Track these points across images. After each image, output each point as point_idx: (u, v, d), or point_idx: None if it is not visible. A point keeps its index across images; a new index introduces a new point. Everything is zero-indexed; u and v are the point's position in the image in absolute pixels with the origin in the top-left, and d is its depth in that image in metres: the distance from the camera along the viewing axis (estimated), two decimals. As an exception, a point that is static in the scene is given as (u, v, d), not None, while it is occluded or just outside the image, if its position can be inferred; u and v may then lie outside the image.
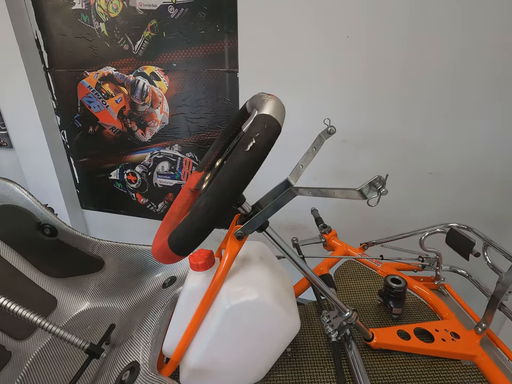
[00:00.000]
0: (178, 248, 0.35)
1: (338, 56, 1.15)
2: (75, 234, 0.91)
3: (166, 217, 0.52)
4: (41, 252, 0.90)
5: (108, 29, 1.38)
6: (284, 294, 0.64)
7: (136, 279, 0.94)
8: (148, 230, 1.83)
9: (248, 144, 0.32)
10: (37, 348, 0.81)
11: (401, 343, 0.69)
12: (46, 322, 0.61)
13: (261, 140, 0.32)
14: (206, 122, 1.45)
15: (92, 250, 0.93)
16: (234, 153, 0.32)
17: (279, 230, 1.54)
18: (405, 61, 1.09)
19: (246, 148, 0.32)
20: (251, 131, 0.32)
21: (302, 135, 1.03)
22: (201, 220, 0.34)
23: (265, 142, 0.32)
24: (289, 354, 0.71)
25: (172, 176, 1.64)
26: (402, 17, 1.04)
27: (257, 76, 1.27)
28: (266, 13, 1.15)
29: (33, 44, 1.50)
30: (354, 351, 0.65)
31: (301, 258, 0.74)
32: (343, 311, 0.62)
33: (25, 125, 1.63)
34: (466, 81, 1.07)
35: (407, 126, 1.19)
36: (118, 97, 1.52)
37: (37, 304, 0.87)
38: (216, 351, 0.59)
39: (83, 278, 0.96)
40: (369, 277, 0.97)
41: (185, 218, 0.34)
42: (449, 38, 1.03)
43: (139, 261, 0.93)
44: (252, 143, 0.32)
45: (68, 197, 1.84)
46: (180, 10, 1.26)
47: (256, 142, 0.32)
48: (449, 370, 0.67)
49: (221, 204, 0.33)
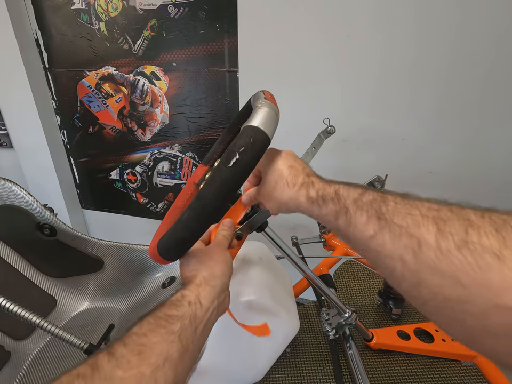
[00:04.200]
0: (166, 254, 0.35)
1: (338, 55, 1.14)
2: (74, 234, 0.91)
3: (169, 212, 0.52)
4: (41, 251, 0.90)
5: (107, 28, 1.38)
6: (283, 294, 0.64)
7: (136, 279, 0.94)
8: (148, 230, 1.83)
9: (231, 160, 0.30)
10: (36, 348, 0.81)
11: (401, 343, 0.69)
12: (45, 323, 0.61)
13: (244, 154, 0.30)
14: (206, 122, 1.45)
15: (91, 250, 0.93)
16: (218, 167, 0.31)
17: (279, 230, 1.53)
18: (405, 60, 1.09)
19: (229, 163, 0.30)
20: (236, 144, 0.31)
21: (301, 134, 1.03)
22: (185, 231, 0.33)
23: (250, 157, 0.31)
24: (288, 354, 0.71)
25: (172, 176, 1.64)
26: (402, 16, 1.03)
27: (257, 75, 1.27)
28: (266, 12, 1.15)
29: (33, 43, 1.50)
30: (354, 351, 0.64)
31: (301, 258, 0.74)
32: (342, 311, 0.62)
33: (25, 125, 1.63)
34: (466, 81, 1.07)
35: (408, 125, 1.19)
36: (118, 97, 1.52)
37: (37, 304, 0.87)
38: (216, 352, 0.59)
39: (82, 278, 0.96)
40: (369, 277, 0.97)
41: (171, 227, 0.34)
42: (449, 38, 1.02)
43: (138, 261, 0.93)
44: (235, 158, 0.30)
45: (68, 196, 1.84)
46: (180, 9, 1.26)
47: (240, 157, 0.30)
48: (449, 370, 0.67)
49: (202, 219, 0.32)
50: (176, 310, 0.30)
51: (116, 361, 0.23)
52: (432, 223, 0.21)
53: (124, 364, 0.23)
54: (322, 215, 0.30)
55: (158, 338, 0.26)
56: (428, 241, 0.21)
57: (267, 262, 0.66)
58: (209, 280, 0.36)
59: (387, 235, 0.23)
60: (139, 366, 0.23)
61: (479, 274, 0.18)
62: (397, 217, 0.23)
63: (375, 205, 0.26)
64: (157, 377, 0.24)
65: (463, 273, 0.19)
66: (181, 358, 0.27)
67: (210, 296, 0.34)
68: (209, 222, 0.33)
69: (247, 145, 0.31)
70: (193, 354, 0.30)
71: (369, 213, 0.25)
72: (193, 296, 0.33)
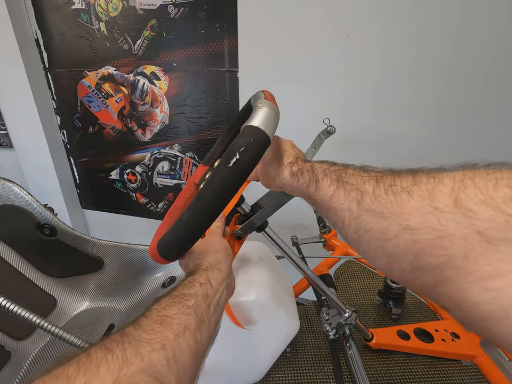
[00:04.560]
0: (166, 254, 0.35)
1: (338, 55, 1.14)
2: (74, 234, 0.91)
3: (169, 212, 0.52)
4: (41, 251, 0.90)
5: (107, 28, 1.38)
6: (283, 294, 0.64)
7: (136, 279, 0.94)
8: (148, 230, 1.83)
9: (231, 160, 0.30)
10: (36, 348, 0.81)
11: (401, 343, 0.69)
12: (45, 322, 0.60)
13: (245, 154, 0.30)
14: (206, 122, 1.45)
15: (91, 250, 0.93)
16: (218, 167, 0.31)
17: (279, 230, 1.53)
18: (405, 60, 1.09)
19: (229, 163, 0.30)
20: (236, 145, 0.31)
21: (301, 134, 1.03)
22: (184, 232, 0.33)
23: (250, 157, 0.31)
24: (288, 354, 0.71)
25: (172, 176, 1.64)
26: (403, 16, 1.03)
27: (257, 75, 1.27)
28: (267, 12, 1.15)
29: (33, 43, 1.50)
30: (354, 351, 0.64)
31: (301, 258, 0.74)
32: (342, 311, 0.62)
33: (25, 125, 1.63)
34: (466, 81, 1.07)
35: (408, 125, 1.19)
36: (118, 97, 1.52)
37: (37, 304, 0.87)
38: (215, 351, 0.59)
39: (82, 278, 0.96)
40: (369, 277, 0.97)
41: (171, 227, 0.34)
42: (450, 38, 1.02)
43: (138, 260, 0.93)
44: (236, 158, 0.30)
45: (68, 196, 1.84)
46: (180, 9, 1.26)
47: (240, 157, 0.30)
48: (449, 370, 0.67)
49: (202, 219, 0.32)
50: (189, 289, 0.33)
51: (141, 328, 0.26)
52: (374, 180, 0.27)
53: (149, 330, 0.26)
54: (299, 185, 0.35)
55: (175, 311, 0.29)
56: (368, 191, 0.26)
57: (267, 262, 0.66)
58: (215, 265, 0.39)
59: (342, 192, 0.29)
60: (163, 332, 0.26)
61: (395, 207, 0.23)
62: (351, 179, 0.29)
63: (337, 172, 0.32)
64: (180, 341, 0.27)
65: (385, 209, 0.24)
66: (198, 328, 0.30)
67: (219, 277, 0.37)
68: (209, 222, 0.33)
69: (247, 145, 0.31)
70: (209, 328, 0.32)
71: (332, 178, 0.31)
72: (203, 279, 0.35)
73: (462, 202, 0.20)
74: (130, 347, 0.24)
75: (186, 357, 0.27)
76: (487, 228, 0.18)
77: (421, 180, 0.23)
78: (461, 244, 0.19)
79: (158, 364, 0.24)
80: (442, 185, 0.22)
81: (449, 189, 0.21)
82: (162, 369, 0.24)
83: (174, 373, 0.25)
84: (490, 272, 0.18)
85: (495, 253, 0.18)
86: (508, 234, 0.17)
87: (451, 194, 0.21)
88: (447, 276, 0.20)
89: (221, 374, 0.62)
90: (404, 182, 0.24)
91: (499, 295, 0.17)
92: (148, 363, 0.23)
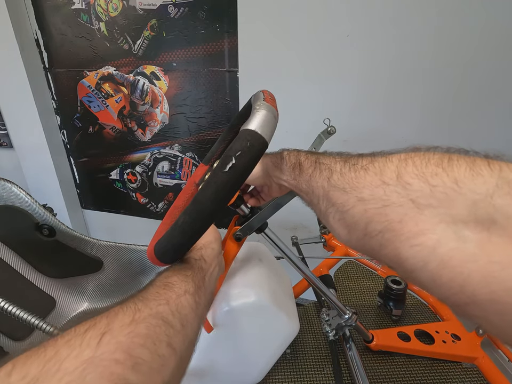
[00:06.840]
0: (163, 258, 0.35)
1: (338, 55, 1.14)
2: (73, 235, 0.90)
3: (169, 212, 0.52)
4: (40, 252, 0.89)
5: (107, 28, 1.38)
6: (283, 295, 0.64)
7: (135, 279, 0.94)
8: (148, 230, 1.83)
9: (227, 164, 0.30)
10: (36, 348, 0.80)
11: (401, 344, 0.69)
12: (43, 324, 0.60)
13: (241, 159, 0.30)
14: (206, 122, 1.44)
15: (91, 250, 0.93)
16: (214, 171, 0.31)
17: (279, 230, 1.53)
18: (405, 60, 1.09)
19: (225, 168, 0.30)
20: (232, 149, 0.30)
21: (301, 134, 1.02)
22: (180, 236, 0.33)
23: (246, 162, 0.30)
24: (288, 355, 0.71)
25: (172, 176, 1.63)
26: (403, 16, 1.03)
27: (257, 75, 1.26)
28: (266, 12, 1.14)
29: (33, 43, 1.50)
30: (354, 353, 0.64)
31: (301, 259, 0.74)
32: (342, 312, 0.61)
33: (25, 125, 1.63)
34: (467, 81, 1.06)
35: (409, 125, 1.18)
36: (118, 97, 1.52)
37: (36, 305, 0.87)
38: (215, 353, 0.59)
39: (82, 279, 0.95)
40: (369, 277, 0.97)
41: (168, 231, 0.34)
42: (450, 38, 1.02)
43: (138, 261, 0.93)
44: (232, 163, 0.29)
45: (68, 196, 1.84)
46: (180, 9, 1.25)
47: (236, 162, 0.29)
48: (450, 372, 0.67)
49: (197, 224, 0.32)
50: (186, 264, 0.38)
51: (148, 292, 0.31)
52: (343, 161, 0.30)
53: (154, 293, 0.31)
54: (284, 170, 0.38)
55: (175, 278, 0.34)
56: (336, 169, 0.30)
57: (267, 263, 0.66)
58: (207, 245, 0.44)
59: (317, 172, 0.32)
60: (166, 293, 0.31)
61: (354, 182, 0.27)
62: (326, 160, 0.32)
63: (316, 155, 0.35)
64: (181, 299, 0.31)
65: (347, 184, 0.28)
66: (196, 292, 0.34)
67: (212, 255, 0.43)
68: (205, 227, 0.33)
69: (244, 149, 0.30)
70: (206, 294, 0.37)
71: (311, 161, 0.34)
72: (197, 256, 0.40)
73: (402, 177, 0.24)
74: (140, 302, 0.28)
75: (188, 311, 0.31)
76: (417, 196, 0.22)
77: (376, 159, 0.27)
78: (398, 211, 0.23)
79: (164, 313, 0.29)
80: (390, 163, 0.25)
81: (394, 166, 0.25)
82: (168, 316, 0.29)
83: (178, 320, 0.29)
84: (416, 231, 0.22)
85: (421, 216, 0.22)
86: (431, 200, 0.21)
87: (395, 170, 0.24)
88: (387, 238, 0.24)
89: (220, 376, 0.62)
90: (364, 161, 0.28)
91: (420, 249, 0.21)
92: (155, 311, 0.28)
